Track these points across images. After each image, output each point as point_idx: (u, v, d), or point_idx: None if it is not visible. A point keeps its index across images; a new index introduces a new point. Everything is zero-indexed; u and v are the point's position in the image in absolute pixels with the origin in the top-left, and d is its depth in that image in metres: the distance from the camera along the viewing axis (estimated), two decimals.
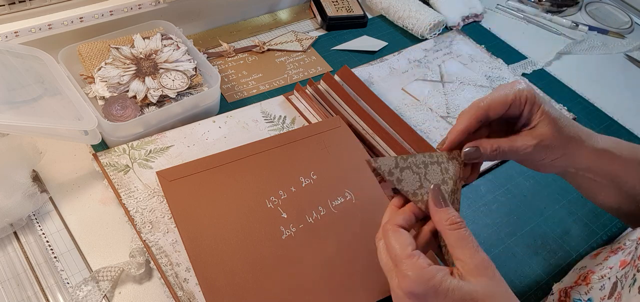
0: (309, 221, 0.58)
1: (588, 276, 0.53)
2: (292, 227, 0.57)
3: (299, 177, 0.62)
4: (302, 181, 0.61)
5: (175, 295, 0.52)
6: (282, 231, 0.57)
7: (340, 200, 0.61)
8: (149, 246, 0.55)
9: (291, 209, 0.59)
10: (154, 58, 0.72)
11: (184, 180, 0.59)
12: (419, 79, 0.85)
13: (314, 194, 0.61)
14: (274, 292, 0.52)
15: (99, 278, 0.53)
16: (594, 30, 1.05)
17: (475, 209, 0.67)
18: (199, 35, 0.86)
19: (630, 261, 0.47)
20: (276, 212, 0.58)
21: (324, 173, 0.63)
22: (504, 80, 0.87)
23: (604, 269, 0.52)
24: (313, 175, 0.62)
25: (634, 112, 0.87)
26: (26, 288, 0.52)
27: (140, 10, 0.78)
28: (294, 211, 0.58)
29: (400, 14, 0.95)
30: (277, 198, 0.59)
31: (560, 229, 0.66)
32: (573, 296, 0.52)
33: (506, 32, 1.00)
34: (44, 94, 0.65)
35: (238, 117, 0.71)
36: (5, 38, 0.68)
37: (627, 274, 0.46)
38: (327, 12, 0.92)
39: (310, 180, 0.62)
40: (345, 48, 0.89)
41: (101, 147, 0.64)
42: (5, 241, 0.55)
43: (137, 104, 0.67)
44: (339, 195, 0.61)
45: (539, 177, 0.72)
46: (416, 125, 0.76)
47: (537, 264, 0.62)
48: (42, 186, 0.60)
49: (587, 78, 0.93)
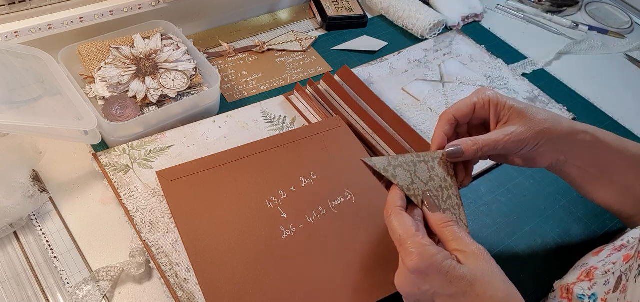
0: (309, 221, 0.58)
1: (591, 272, 0.53)
2: (292, 227, 0.57)
3: (299, 177, 0.62)
4: (302, 181, 0.61)
5: (175, 295, 0.52)
6: (282, 231, 0.57)
7: (340, 200, 0.61)
8: (149, 246, 0.55)
9: (291, 209, 0.59)
10: (154, 58, 0.72)
11: (184, 180, 0.58)
12: (419, 79, 0.85)
13: (314, 194, 0.61)
14: (274, 292, 0.52)
15: (99, 278, 0.53)
16: (594, 30, 1.05)
17: (475, 209, 0.67)
18: (199, 35, 0.86)
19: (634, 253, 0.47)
20: (276, 212, 0.58)
21: (324, 173, 0.63)
22: (504, 80, 0.87)
23: (608, 265, 0.52)
24: (313, 175, 0.62)
25: (634, 112, 0.87)
26: (26, 288, 0.52)
27: (140, 10, 0.78)
28: (293, 211, 0.58)
29: (400, 14, 0.95)
30: (277, 198, 0.59)
31: (560, 229, 0.66)
32: (576, 291, 0.52)
33: (506, 32, 1.00)
34: (44, 94, 0.65)
35: (238, 117, 0.71)
36: (5, 38, 0.68)
37: (631, 267, 0.46)
38: (327, 12, 0.92)
39: (310, 180, 0.62)
40: (345, 48, 0.89)
41: (101, 147, 0.64)
42: (5, 241, 0.55)
43: (137, 104, 0.67)
44: (339, 195, 0.61)
45: (539, 177, 0.72)
46: (416, 126, 0.76)
47: (538, 264, 0.62)
48: (42, 186, 0.60)
49: (587, 78, 0.93)
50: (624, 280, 0.48)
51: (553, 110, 0.83)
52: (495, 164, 0.73)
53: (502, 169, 0.73)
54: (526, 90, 0.86)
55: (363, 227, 0.59)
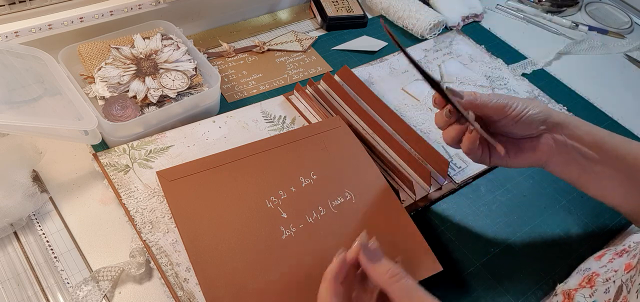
0: (309, 221, 0.58)
1: (592, 278, 0.53)
2: (292, 227, 0.57)
3: (299, 177, 0.62)
4: (302, 181, 0.61)
5: (175, 295, 0.52)
6: (282, 231, 0.57)
7: (340, 200, 0.61)
8: (149, 246, 0.55)
9: (291, 209, 0.59)
10: (154, 58, 0.72)
11: (184, 180, 0.58)
12: (419, 79, 0.85)
13: (314, 194, 0.61)
14: (274, 292, 0.52)
15: (99, 278, 0.53)
16: (594, 30, 1.05)
17: (475, 209, 0.67)
18: (199, 35, 0.86)
19: (636, 264, 0.47)
20: (276, 212, 0.58)
21: (323, 173, 0.63)
22: (504, 80, 0.87)
23: (609, 272, 0.52)
24: (313, 175, 0.62)
25: (634, 112, 0.87)
26: (26, 288, 0.52)
27: (140, 10, 0.78)
28: (293, 211, 0.58)
29: (400, 14, 0.95)
30: (277, 198, 0.59)
31: (560, 229, 0.66)
32: (577, 298, 0.52)
33: (506, 32, 1.00)
34: (44, 94, 0.65)
35: (238, 117, 0.71)
36: (5, 38, 0.68)
37: (632, 279, 0.46)
38: (327, 12, 0.92)
39: (310, 180, 0.62)
40: (345, 48, 0.89)
41: (101, 147, 0.64)
42: (5, 241, 0.55)
43: (137, 104, 0.67)
44: (339, 195, 0.61)
45: (539, 177, 0.72)
46: (416, 126, 0.76)
47: (537, 263, 0.62)
48: (42, 186, 0.60)
49: (587, 78, 0.93)
50: (624, 291, 0.47)
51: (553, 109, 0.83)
52: None
53: (502, 169, 0.73)
54: (526, 91, 0.86)
55: (363, 227, 0.58)
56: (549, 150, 0.57)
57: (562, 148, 0.56)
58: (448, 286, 0.58)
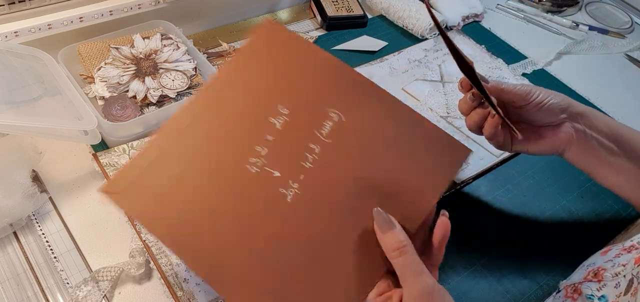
0: (307, 167, 0.48)
1: (599, 272, 0.53)
2: (293, 183, 0.47)
3: (267, 119, 0.49)
4: (275, 122, 0.49)
5: (175, 295, 0.52)
6: (283, 192, 0.46)
7: (329, 124, 0.50)
8: (148, 246, 0.55)
9: (280, 162, 0.47)
10: (153, 58, 0.72)
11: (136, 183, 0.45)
12: (419, 79, 0.85)
13: (296, 131, 0.49)
14: (295, 266, 0.44)
15: (98, 278, 0.53)
16: (594, 30, 1.05)
17: (476, 209, 0.67)
18: (199, 35, 0.86)
19: None
20: (265, 174, 0.47)
21: (292, 101, 0.50)
22: (504, 80, 0.87)
23: (617, 267, 0.51)
24: (282, 109, 0.50)
25: (634, 112, 0.87)
26: (26, 288, 0.52)
27: (140, 10, 0.78)
28: (284, 164, 0.47)
29: (400, 14, 0.95)
30: (257, 157, 0.47)
31: (561, 229, 0.66)
32: (584, 291, 0.52)
33: (506, 32, 1.00)
34: (44, 94, 0.65)
35: None
36: (5, 38, 0.68)
37: None
38: (327, 12, 0.92)
39: (283, 117, 0.50)
40: (345, 48, 0.89)
41: (101, 147, 0.64)
42: (5, 241, 0.55)
43: (137, 104, 0.67)
44: (324, 119, 0.50)
45: (539, 178, 0.72)
46: None
47: (538, 263, 0.62)
48: (42, 186, 0.60)
49: (587, 78, 0.93)
50: (635, 283, 0.47)
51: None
52: (495, 164, 0.72)
53: (502, 169, 0.73)
54: None
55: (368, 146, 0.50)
56: (568, 138, 0.58)
57: (582, 137, 0.58)
58: (448, 286, 0.58)
